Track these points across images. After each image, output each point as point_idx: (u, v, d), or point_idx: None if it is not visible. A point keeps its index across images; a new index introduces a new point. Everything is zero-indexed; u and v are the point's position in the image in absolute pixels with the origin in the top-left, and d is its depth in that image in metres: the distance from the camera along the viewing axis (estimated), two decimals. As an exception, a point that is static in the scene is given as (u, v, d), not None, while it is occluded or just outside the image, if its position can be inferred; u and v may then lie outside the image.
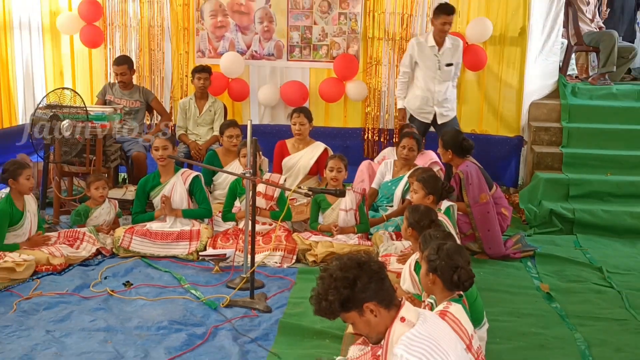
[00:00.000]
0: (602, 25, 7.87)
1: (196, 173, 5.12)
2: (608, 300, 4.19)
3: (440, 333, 2.19)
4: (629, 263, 4.90)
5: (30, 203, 4.58)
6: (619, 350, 3.50)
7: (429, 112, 6.05)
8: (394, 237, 4.80)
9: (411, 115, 6.16)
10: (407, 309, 2.24)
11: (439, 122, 6.05)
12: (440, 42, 5.93)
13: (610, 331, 3.73)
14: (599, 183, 5.98)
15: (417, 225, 3.59)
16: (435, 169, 5.36)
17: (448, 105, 6.09)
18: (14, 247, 4.34)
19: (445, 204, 4.50)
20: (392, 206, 5.30)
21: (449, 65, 5.97)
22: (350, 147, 6.76)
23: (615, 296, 4.25)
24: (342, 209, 4.91)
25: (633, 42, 8.66)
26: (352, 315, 2.26)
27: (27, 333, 3.45)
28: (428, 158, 5.70)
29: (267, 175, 5.25)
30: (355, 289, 2.21)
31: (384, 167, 5.55)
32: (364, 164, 5.91)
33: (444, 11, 5.81)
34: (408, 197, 5.13)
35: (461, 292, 2.77)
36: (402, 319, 2.20)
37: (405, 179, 5.24)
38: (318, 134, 6.20)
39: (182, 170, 5.13)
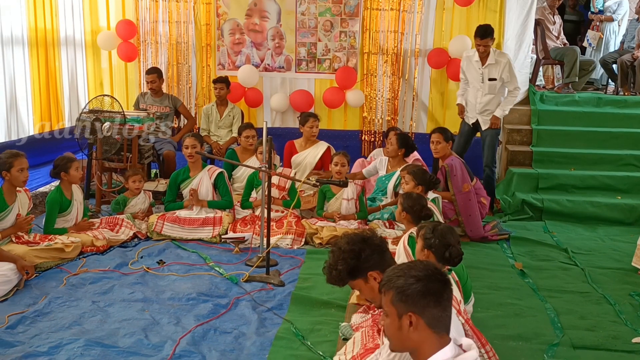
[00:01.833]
0: (566, 41, 7.87)
1: (221, 169, 5.11)
2: (573, 276, 4.20)
3: None
4: (590, 245, 4.91)
5: (77, 193, 4.57)
6: (583, 318, 3.51)
7: (472, 117, 5.86)
8: (387, 225, 4.81)
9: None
10: None
11: (483, 128, 5.82)
12: (483, 58, 5.65)
13: (575, 302, 3.74)
14: (564, 177, 5.98)
15: (410, 210, 3.58)
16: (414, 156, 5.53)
17: (489, 116, 5.80)
18: (62, 231, 4.35)
19: (431, 195, 4.50)
20: (386, 197, 5.30)
21: (492, 79, 5.64)
22: (350, 146, 6.73)
23: (579, 273, 4.26)
24: (345, 199, 4.91)
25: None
26: (358, 283, 2.26)
27: (75, 303, 3.46)
28: (413, 157, 5.70)
29: (279, 170, 5.25)
30: (361, 260, 2.22)
31: (379, 163, 5.54)
32: (358, 161, 5.91)
33: (478, 34, 5.54)
34: (399, 190, 5.14)
35: (450, 267, 2.77)
36: None
37: (397, 174, 5.23)
38: (322, 135, 6.18)
39: (209, 166, 5.12)
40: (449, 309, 1.74)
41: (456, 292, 2.51)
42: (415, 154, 5.68)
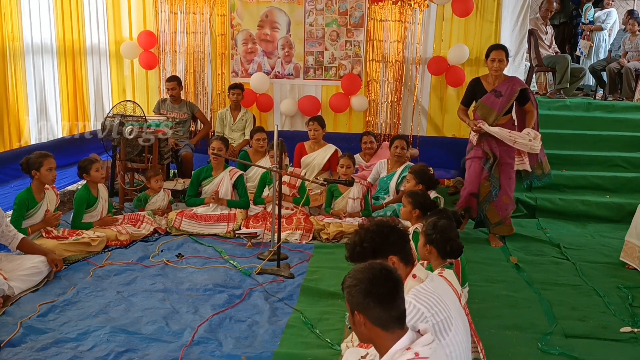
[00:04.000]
0: (558, 50, 7.84)
1: (241, 172, 5.10)
2: (565, 269, 4.18)
3: (443, 291, 2.17)
4: (580, 241, 4.88)
5: (103, 191, 4.59)
6: (574, 309, 3.50)
7: None
8: (390, 222, 4.79)
9: None
10: (419, 269, 2.23)
11: None
12: None
13: (567, 294, 3.73)
14: (556, 177, 5.90)
15: (420, 206, 3.53)
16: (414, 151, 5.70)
17: None
18: (88, 226, 4.37)
19: (432, 194, 4.46)
20: (388, 196, 5.30)
21: None
22: (353, 148, 6.72)
23: (570, 267, 4.24)
24: (351, 197, 4.91)
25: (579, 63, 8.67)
26: None
27: (101, 293, 3.48)
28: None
29: (290, 169, 5.25)
30: (387, 242, 2.20)
31: (379, 166, 5.49)
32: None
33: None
34: (401, 188, 5.13)
35: (452, 261, 2.76)
36: (414, 276, 2.19)
37: (397, 173, 5.23)
38: (328, 138, 6.18)
39: (230, 167, 5.12)
40: (394, 309, 1.74)
41: (456, 285, 2.49)
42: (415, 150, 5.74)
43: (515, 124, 4.71)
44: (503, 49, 4.49)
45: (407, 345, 1.70)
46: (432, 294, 2.07)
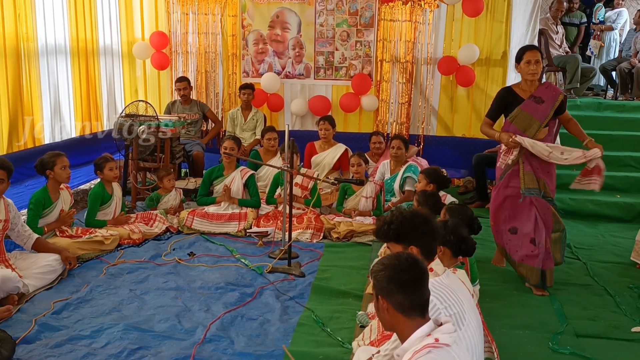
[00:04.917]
0: (568, 49, 7.77)
1: (252, 171, 5.11)
2: (576, 269, 4.14)
3: (458, 287, 2.17)
4: (591, 241, 4.83)
5: (117, 189, 4.62)
6: (585, 309, 3.46)
7: None
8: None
9: None
10: (437, 264, 2.23)
11: None
12: None
13: (578, 294, 3.69)
14: (566, 177, 5.80)
15: (425, 204, 3.53)
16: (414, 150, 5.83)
17: None
18: (102, 224, 4.40)
19: (449, 198, 4.43)
20: (395, 197, 5.27)
21: None
22: (364, 148, 6.71)
23: (581, 266, 4.19)
24: (364, 196, 4.89)
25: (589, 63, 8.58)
26: (397, 248, 2.25)
27: (114, 291, 3.50)
28: (413, 152, 5.85)
29: (303, 170, 5.25)
30: (415, 232, 2.21)
31: (382, 168, 5.46)
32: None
33: None
34: (407, 188, 5.10)
35: (463, 261, 2.74)
36: (431, 269, 2.19)
37: (400, 174, 5.21)
38: (338, 137, 6.18)
39: (241, 167, 5.13)
40: (417, 297, 1.77)
41: (468, 284, 2.47)
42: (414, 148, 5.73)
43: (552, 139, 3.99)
44: (537, 49, 3.86)
45: (427, 332, 1.74)
46: (446, 288, 2.07)
